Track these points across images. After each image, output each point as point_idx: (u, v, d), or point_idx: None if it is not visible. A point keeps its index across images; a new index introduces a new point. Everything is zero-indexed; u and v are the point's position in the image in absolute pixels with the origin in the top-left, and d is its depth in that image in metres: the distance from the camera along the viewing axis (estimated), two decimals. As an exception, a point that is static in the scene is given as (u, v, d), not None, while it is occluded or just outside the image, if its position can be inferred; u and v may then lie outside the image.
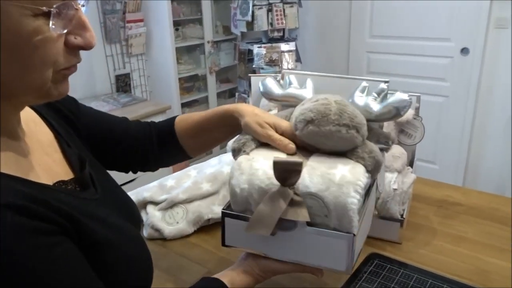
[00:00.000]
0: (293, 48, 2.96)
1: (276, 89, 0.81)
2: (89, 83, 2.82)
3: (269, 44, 2.93)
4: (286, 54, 2.95)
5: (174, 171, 1.21)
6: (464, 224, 1.05)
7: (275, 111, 1.00)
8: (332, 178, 0.64)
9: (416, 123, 1.03)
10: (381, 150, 0.73)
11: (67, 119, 0.72)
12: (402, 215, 0.96)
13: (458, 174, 2.96)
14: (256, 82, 1.10)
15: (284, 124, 0.73)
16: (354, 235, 0.64)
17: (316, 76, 0.83)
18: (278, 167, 0.62)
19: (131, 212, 0.75)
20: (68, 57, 0.52)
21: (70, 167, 0.64)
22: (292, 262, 0.70)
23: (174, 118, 0.87)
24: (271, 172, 0.65)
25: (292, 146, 0.70)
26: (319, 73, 0.84)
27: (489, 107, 2.77)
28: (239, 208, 0.70)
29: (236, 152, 0.73)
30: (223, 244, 0.73)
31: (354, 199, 0.62)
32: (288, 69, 2.89)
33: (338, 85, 0.81)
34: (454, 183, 2.95)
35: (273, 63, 2.88)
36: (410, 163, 1.07)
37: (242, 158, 0.70)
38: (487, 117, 2.79)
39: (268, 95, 0.81)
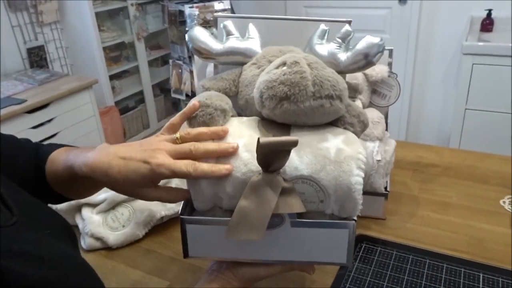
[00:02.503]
0: (228, 6, 2.73)
1: (213, 43, 0.60)
2: (-5, 60, 2.42)
3: (202, 4, 2.67)
4: (220, 13, 2.71)
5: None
6: (444, 187, 0.96)
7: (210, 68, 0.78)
8: (326, 154, 0.50)
9: (391, 81, 0.90)
10: None
11: None
12: (385, 188, 0.85)
13: (401, 126, 2.98)
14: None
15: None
16: (355, 220, 0.52)
17: (258, 20, 0.63)
18: (265, 150, 0.46)
19: (64, 227, 0.56)
20: None
21: None
22: (279, 262, 0.56)
23: (52, 149, 0.64)
24: (246, 155, 0.50)
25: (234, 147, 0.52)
26: (262, 16, 0.64)
27: (428, 57, 2.76)
28: (204, 207, 0.55)
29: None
30: (186, 256, 0.57)
31: (358, 178, 0.50)
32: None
33: (288, 30, 0.64)
34: (397, 136, 3.00)
35: (208, 24, 2.63)
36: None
37: None
38: (427, 68, 2.79)
39: (202, 52, 0.60)
